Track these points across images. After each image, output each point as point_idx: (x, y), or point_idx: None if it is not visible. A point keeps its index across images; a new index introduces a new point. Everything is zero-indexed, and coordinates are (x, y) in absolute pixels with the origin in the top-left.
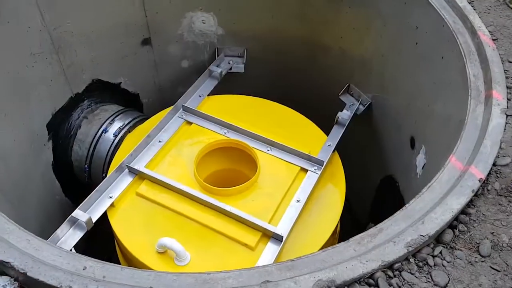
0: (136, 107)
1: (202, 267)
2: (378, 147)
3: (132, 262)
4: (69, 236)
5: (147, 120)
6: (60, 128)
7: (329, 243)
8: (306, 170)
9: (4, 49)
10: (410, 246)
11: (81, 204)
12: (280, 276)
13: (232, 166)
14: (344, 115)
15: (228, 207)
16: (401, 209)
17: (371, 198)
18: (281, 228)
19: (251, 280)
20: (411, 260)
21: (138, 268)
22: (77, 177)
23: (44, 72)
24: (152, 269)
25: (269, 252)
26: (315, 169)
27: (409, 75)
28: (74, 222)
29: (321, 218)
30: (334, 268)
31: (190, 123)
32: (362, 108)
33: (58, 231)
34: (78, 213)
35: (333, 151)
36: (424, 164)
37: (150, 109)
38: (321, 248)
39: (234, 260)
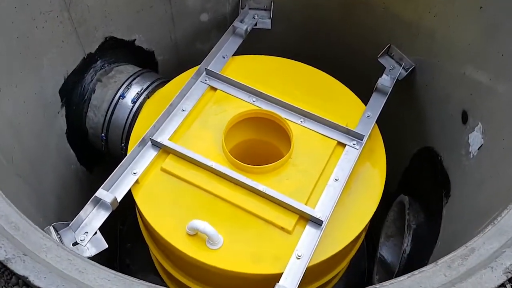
0: (151, 65)
1: (235, 251)
2: (418, 116)
3: (160, 242)
4: (93, 217)
5: (167, 84)
6: (73, 93)
7: (366, 225)
8: (344, 145)
9: (13, 11)
10: (509, 272)
11: (104, 183)
12: None
13: (259, 137)
14: (385, 81)
15: (261, 187)
16: (492, 224)
17: (403, 167)
18: (320, 210)
19: None
20: (508, 286)
21: None
22: (92, 144)
23: (55, 33)
24: (182, 252)
25: (307, 237)
26: (354, 144)
27: (468, 41)
28: (98, 202)
29: (361, 199)
30: None
31: (214, 89)
32: (404, 73)
33: (82, 212)
34: (102, 192)
35: (374, 123)
36: (482, 145)
37: (165, 67)
38: (360, 233)
39: (269, 244)
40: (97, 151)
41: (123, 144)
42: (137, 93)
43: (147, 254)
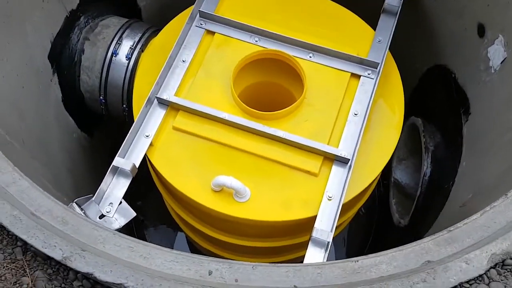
0: (134, 13)
1: (264, 200)
2: (427, 33)
3: (184, 201)
4: (114, 187)
5: (160, 33)
6: (62, 57)
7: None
8: (358, 76)
9: None
10: None
11: (119, 151)
12: (441, 253)
13: (267, 79)
14: (392, 0)
15: (280, 133)
16: None
17: (411, 87)
18: (344, 148)
19: (408, 262)
20: None
21: (271, 264)
22: (90, 109)
23: None
24: (211, 209)
25: (335, 177)
26: (368, 74)
27: None
28: (116, 171)
29: (382, 130)
30: (507, 236)
31: (212, 32)
32: None
33: (102, 184)
34: (119, 161)
35: (386, 48)
36: (505, 59)
37: (149, 13)
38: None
39: (297, 190)
40: (95, 115)
41: (124, 105)
42: (130, 47)
43: (158, 208)
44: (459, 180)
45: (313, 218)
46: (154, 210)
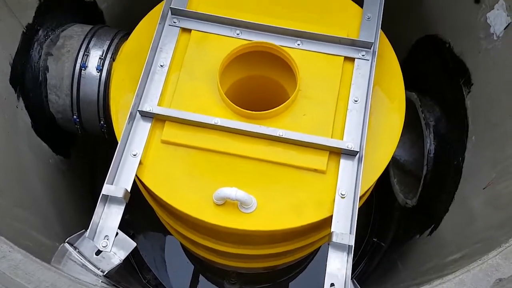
0: (96, 18)
1: (273, 208)
2: (416, 2)
3: (185, 220)
4: (107, 218)
5: (130, 37)
6: (25, 79)
7: None
8: (352, 59)
9: None
10: None
11: (107, 177)
12: (511, 268)
13: (253, 73)
14: None
15: (279, 132)
16: None
17: (400, 60)
18: (350, 140)
19: (478, 284)
20: None
21: None
22: (64, 130)
23: None
24: (216, 225)
25: (345, 173)
26: (363, 55)
27: None
28: (107, 199)
29: (385, 114)
30: None
31: (188, 30)
32: None
33: (94, 216)
34: (108, 188)
35: (378, 25)
36: (509, 24)
37: (111, 16)
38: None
39: (307, 191)
40: (69, 134)
41: (102, 122)
42: (100, 57)
43: (146, 215)
44: (471, 157)
45: (328, 219)
46: (142, 218)
